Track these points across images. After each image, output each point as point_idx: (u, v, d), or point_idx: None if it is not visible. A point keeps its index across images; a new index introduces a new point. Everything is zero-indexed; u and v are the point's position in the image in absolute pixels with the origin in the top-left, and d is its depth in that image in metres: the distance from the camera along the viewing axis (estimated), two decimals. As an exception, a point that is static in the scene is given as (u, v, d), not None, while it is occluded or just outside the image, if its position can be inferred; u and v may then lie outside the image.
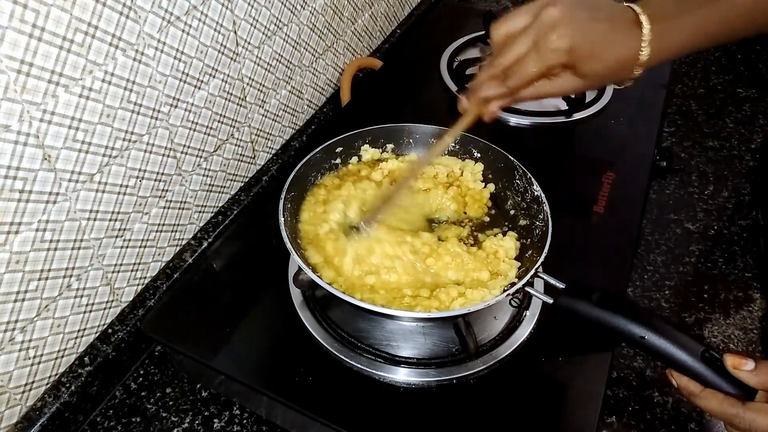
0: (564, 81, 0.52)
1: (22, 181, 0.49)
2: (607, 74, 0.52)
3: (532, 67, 0.50)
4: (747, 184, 0.95)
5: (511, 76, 0.52)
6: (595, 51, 0.49)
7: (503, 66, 0.52)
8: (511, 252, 0.63)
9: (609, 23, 0.50)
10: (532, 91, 0.53)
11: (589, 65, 0.50)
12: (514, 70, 0.51)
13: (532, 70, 0.50)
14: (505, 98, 0.54)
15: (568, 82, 0.52)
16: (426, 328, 0.61)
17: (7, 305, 0.51)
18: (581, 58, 0.49)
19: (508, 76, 0.52)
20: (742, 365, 0.46)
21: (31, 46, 0.45)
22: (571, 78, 0.52)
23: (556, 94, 0.54)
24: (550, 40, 0.49)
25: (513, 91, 0.53)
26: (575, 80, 0.52)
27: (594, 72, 0.51)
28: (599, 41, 0.49)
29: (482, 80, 0.54)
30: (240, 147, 0.78)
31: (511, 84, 0.52)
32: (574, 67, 0.50)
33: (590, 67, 0.50)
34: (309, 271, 0.54)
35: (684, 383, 0.49)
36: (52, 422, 0.58)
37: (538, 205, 0.63)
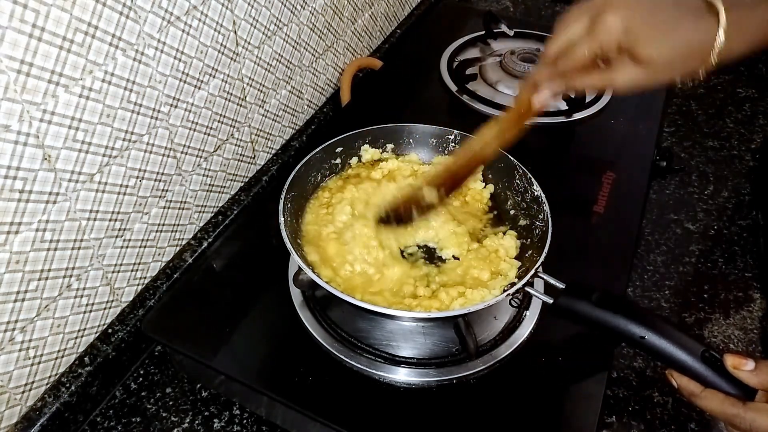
0: (622, 70, 0.47)
1: (22, 181, 0.49)
2: (672, 61, 0.46)
3: (584, 48, 0.47)
4: (747, 184, 0.95)
5: (563, 58, 0.49)
6: (657, 32, 0.45)
7: (556, 49, 0.49)
8: (512, 251, 0.63)
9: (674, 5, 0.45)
10: (586, 79, 0.49)
11: (651, 48, 0.45)
12: (567, 52, 0.48)
13: (584, 50, 0.47)
14: (557, 83, 0.51)
15: (626, 71, 0.47)
16: (426, 328, 0.61)
17: (7, 305, 0.51)
18: (640, 39, 0.45)
19: (560, 59, 0.49)
20: (742, 365, 0.46)
21: (31, 46, 0.45)
22: (629, 67, 0.47)
23: (612, 85, 0.49)
24: (604, 16, 0.45)
25: (564, 74, 0.49)
26: (635, 70, 0.47)
27: (657, 56, 0.45)
28: (663, 20, 0.45)
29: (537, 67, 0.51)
30: (240, 147, 0.78)
31: (562, 66, 0.49)
32: (633, 50, 0.46)
33: (652, 50, 0.45)
34: (309, 271, 0.54)
35: (684, 383, 0.49)
36: (52, 422, 0.58)
37: (538, 205, 0.63)
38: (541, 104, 0.53)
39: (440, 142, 0.74)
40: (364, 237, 0.62)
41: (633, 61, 0.46)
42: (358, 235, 0.62)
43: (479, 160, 0.60)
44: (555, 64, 0.49)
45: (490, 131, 0.57)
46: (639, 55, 0.46)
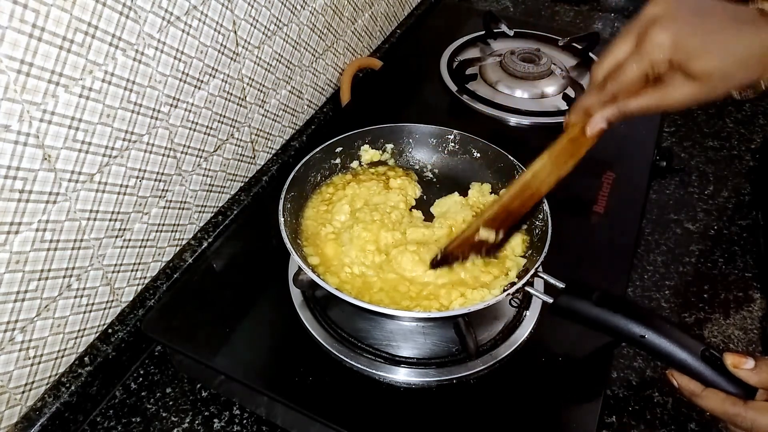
0: (675, 87, 0.45)
1: (22, 181, 0.49)
2: (727, 73, 0.43)
3: (634, 67, 0.45)
4: (747, 184, 0.95)
5: (611, 80, 0.46)
6: (709, 44, 0.42)
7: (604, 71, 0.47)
8: (518, 249, 0.63)
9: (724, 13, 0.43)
10: (639, 102, 0.47)
11: (703, 61, 0.43)
12: (615, 74, 0.46)
13: (633, 70, 0.45)
14: (609, 110, 0.48)
15: (679, 88, 0.45)
16: (426, 328, 0.61)
17: (7, 305, 0.51)
18: (692, 53, 0.43)
19: (609, 81, 0.47)
20: (742, 364, 0.46)
21: (31, 46, 0.45)
22: (682, 83, 0.44)
23: (667, 106, 0.46)
24: (651, 33, 0.43)
25: (615, 98, 0.47)
26: (688, 85, 0.44)
27: (711, 70, 0.43)
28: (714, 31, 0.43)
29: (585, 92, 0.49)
30: (240, 147, 0.78)
31: (612, 89, 0.47)
32: (684, 65, 0.43)
33: (705, 64, 0.43)
34: (309, 272, 0.54)
35: (685, 383, 0.49)
36: (52, 422, 0.58)
37: (537, 204, 0.63)
38: (594, 134, 0.50)
39: (440, 142, 0.74)
40: (362, 240, 0.62)
41: (686, 77, 0.44)
42: (356, 237, 0.62)
43: (532, 193, 0.56)
44: (604, 87, 0.47)
45: (545, 165, 0.54)
46: (692, 70, 0.43)
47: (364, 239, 0.62)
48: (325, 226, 0.65)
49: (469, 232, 0.58)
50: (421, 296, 0.59)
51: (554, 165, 0.54)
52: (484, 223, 0.58)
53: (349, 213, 0.66)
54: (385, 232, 0.63)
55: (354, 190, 0.69)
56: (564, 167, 0.54)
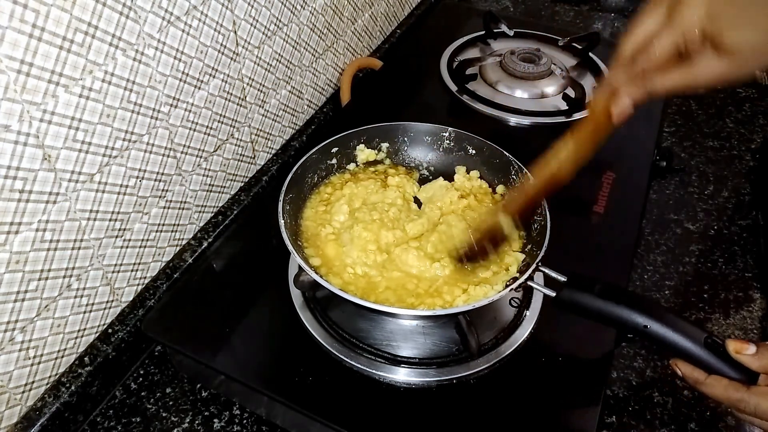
0: (706, 63, 0.43)
1: (22, 181, 0.49)
2: (759, 48, 0.41)
3: (665, 40, 0.43)
4: (747, 184, 0.95)
5: (641, 56, 0.44)
6: (744, 15, 0.41)
7: (632, 46, 0.45)
8: (515, 244, 0.63)
9: None
10: (668, 80, 0.44)
11: (738, 33, 0.41)
12: (644, 48, 0.44)
13: (665, 43, 0.43)
14: (636, 88, 0.46)
15: (710, 64, 0.42)
16: (426, 328, 0.61)
17: (7, 305, 0.51)
18: (726, 25, 0.41)
19: (638, 56, 0.44)
20: (744, 349, 0.47)
21: (31, 46, 0.45)
22: (714, 59, 0.42)
23: (697, 83, 0.44)
24: (683, 4, 0.42)
25: (643, 76, 0.45)
26: (719, 62, 0.42)
27: (744, 43, 0.41)
28: (750, 3, 0.41)
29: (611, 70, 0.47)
30: (240, 147, 0.78)
31: (641, 65, 0.44)
32: (718, 38, 0.41)
33: (739, 36, 0.41)
34: (311, 272, 0.54)
35: (688, 371, 0.49)
36: (52, 422, 0.58)
37: None
38: (621, 113, 0.47)
39: (435, 140, 0.74)
40: (363, 240, 0.62)
41: (716, 52, 0.42)
42: (357, 237, 0.62)
43: (556, 182, 0.55)
44: (633, 64, 0.45)
45: (565, 148, 0.52)
46: (724, 43, 0.41)
47: (365, 239, 0.62)
48: (324, 226, 0.65)
49: (488, 222, 0.59)
50: (427, 293, 0.59)
51: (576, 149, 0.52)
52: (505, 210, 0.58)
53: (348, 213, 0.66)
54: (385, 231, 0.63)
55: (351, 190, 0.69)
56: (585, 151, 0.52)
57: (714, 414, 0.65)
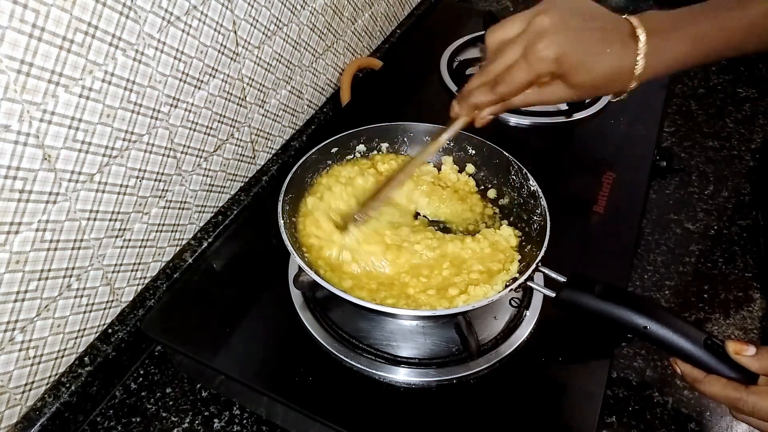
0: (554, 90, 0.52)
1: (22, 181, 0.49)
2: (598, 85, 0.51)
3: (521, 76, 0.50)
4: (747, 184, 0.95)
5: (501, 84, 0.51)
6: (585, 61, 0.49)
7: (494, 73, 0.52)
8: (512, 240, 0.63)
9: (602, 33, 0.49)
10: (522, 98, 0.53)
11: (579, 75, 0.49)
12: (504, 78, 0.51)
13: (521, 78, 0.50)
14: (496, 105, 0.54)
15: (558, 91, 0.52)
16: (426, 328, 0.61)
17: (7, 305, 0.51)
18: (570, 68, 0.49)
19: (498, 83, 0.52)
20: (744, 351, 0.47)
21: (31, 46, 0.45)
22: (561, 87, 0.51)
23: (546, 102, 0.54)
24: (538, 48, 0.48)
25: (503, 98, 0.53)
26: (566, 90, 0.51)
27: (584, 82, 0.50)
28: (590, 51, 0.49)
29: (473, 86, 0.54)
30: (240, 147, 0.78)
31: (501, 91, 0.52)
32: (564, 76, 0.50)
33: (580, 78, 0.50)
34: (311, 272, 0.54)
35: (687, 370, 0.50)
36: (52, 422, 0.58)
37: (535, 200, 0.63)
38: (482, 125, 0.56)
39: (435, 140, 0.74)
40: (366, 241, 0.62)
41: (564, 83, 0.51)
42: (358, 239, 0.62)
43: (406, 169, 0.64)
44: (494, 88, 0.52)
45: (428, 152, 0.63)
46: (569, 81, 0.50)
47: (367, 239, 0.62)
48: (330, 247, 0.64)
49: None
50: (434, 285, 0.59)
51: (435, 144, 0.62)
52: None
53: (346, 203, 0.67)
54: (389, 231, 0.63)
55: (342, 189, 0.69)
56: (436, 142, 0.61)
57: (714, 414, 0.65)
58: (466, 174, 0.73)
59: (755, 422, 0.47)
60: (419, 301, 0.58)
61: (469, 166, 0.73)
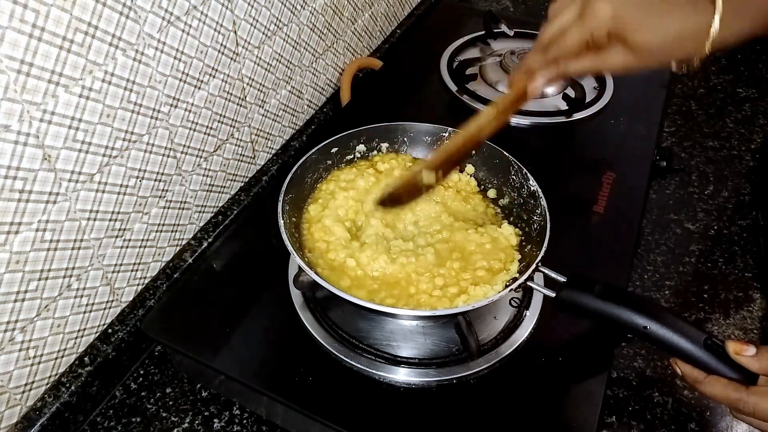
0: (613, 55, 0.47)
1: (22, 181, 0.49)
2: (664, 48, 0.45)
3: (574, 35, 0.47)
4: (747, 184, 0.95)
5: (554, 45, 0.49)
6: (648, 18, 0.44)
7: (548, 36, 0.49)
8: (512, 238, 0.63)
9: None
10: (578, 64, 0.49)
11: (641, 35, 0.45)
12: (557, 39, 0.48)
13: (574, 37, 0.47)
14: (550, 70, 0.51)
15: (617, 56, 0.47)
16: (426, 328, 0.61)
17: (7, 305, 0.51)
18: (630, 27, 0.45)
19: (551, 44, 0.49)
20: (744, 351, 0.47)
21: (31, 46, 0.45)
22: (621, 52, 0.47)
23: (604, 69, 0.49)
24: (594, 5, 0.45)
25: (557, 61, 0.49)
26: (626, 55, 0.46)
27: (647, 43, 0.45)
28: (655, 7, 0.44)
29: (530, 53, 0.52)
30: (240, 147, 0.78)
31: (554, 53, 0.49)
32: (623, 37, 0.45)
33: (642, 38, 0.45)
34: (311, 272, 0.54)
35: (688, 371, 0.50)
36: (52, 422, 0.58)
37: (535, 200, 0.63)
38: (536, 91, 0.53)
39: (435, 140, 0.74)
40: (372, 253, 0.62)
41: (624, 47, 0.46)
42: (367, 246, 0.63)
43: (475, 142, 0.60)
44: (547, 51, 0.49)
45: (486, 116, 0.57)
46: (629, 42, 0.45)
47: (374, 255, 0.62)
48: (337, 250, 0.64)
49: (412, 174, 0.61)
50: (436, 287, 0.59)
51: (496, 117, 0.57)
52: (427, 166, 0.60)
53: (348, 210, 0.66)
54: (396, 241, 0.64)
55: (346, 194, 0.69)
56: (503, 118, 0.56)
57: (714, 414, 0.65)
58: (467, 174, 0.73)
59: (756, 423, 0.47)
60: (420, 301, 0.58)
61: (469, 166, 0.73)
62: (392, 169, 0.72)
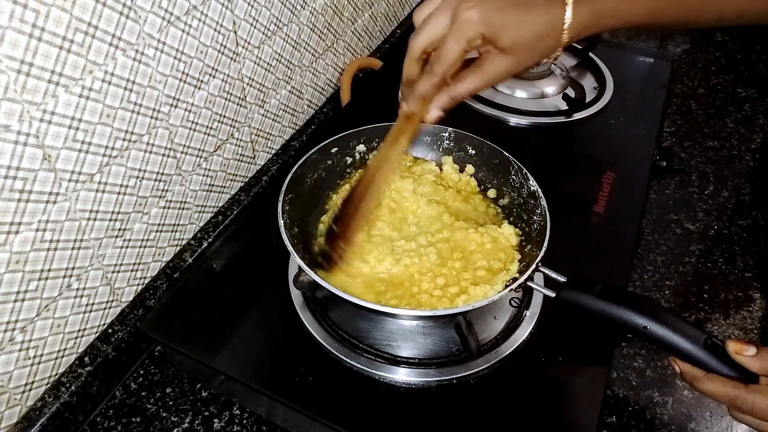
0: (493, 62, 0.49)
1: (22, 181, 0.49)
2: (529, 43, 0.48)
3: (453, 46, 0.48)
4: (747, 184, 0.95)
5: (436, 61, 0.49)
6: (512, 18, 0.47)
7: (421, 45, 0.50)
8: (512, 238, 0.63)
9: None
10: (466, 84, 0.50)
11: (508, 35, 0.47)
12: (438, 54, 0.49)
13: (454, 48, 0.48)
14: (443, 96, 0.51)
15: (496, 63, 0.49)
16: (426, 328, 0.61)
17: (7, 305, 0.51)
18: (498, 29, 0.47)
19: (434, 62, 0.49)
20: (744, 351, 0.47)
21: (31, 46, 0.45)
22: (497, 57, 0.49)
23: (490, 81, 0.51)
24: (462, 12, 0.47)
25: (443, 78, 0.50)
26: (504, 59, 0.49)
27: (515, 42, 0.48)
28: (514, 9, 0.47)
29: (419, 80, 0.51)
30: (240, 147, 0.78)
31: (439, 70, 0.49)
32: (494, 40, 0.48)
33: (510, 37, 0.47)
34: (311, 272, 0.54)
35: (687, 369, 0.50)
36: (52, 422, 0.58)
37: (535, 200, 0.63)
38: (433, 122, 0.54)
39: (435, 140, 0.75)
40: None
41: (498, 51, 0.48)
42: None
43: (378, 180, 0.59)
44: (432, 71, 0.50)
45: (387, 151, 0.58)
46: (501, 44, 0.48)
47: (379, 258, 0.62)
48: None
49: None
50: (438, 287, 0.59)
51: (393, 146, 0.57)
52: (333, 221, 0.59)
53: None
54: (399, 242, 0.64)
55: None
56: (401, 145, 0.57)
57: (714, 414, 0.65)
58: (467, 174, 0.73)
59: (754, 421, 0.47)
60: (420, 301, 0.58)
61: (468, 166, 0.73)
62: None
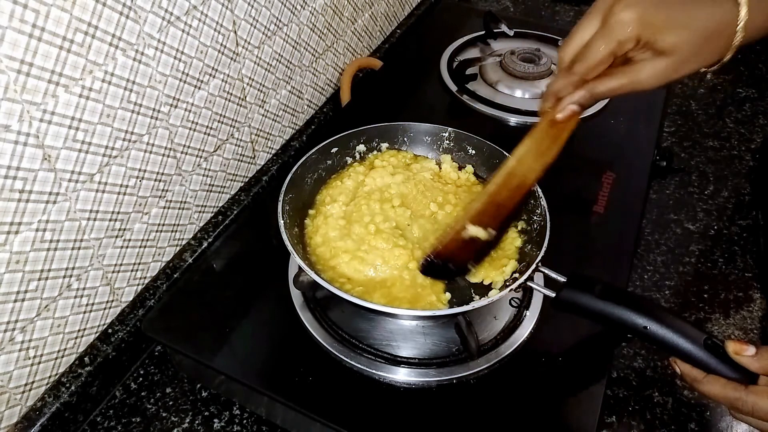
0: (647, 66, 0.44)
1: (22, 181, 0.49)
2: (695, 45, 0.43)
3: (599, 46, 0.44)
4: (747, 184, 0.95)
5: (579, 61, 0.45)
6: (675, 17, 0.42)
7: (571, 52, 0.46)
8: (516, 241, 0.63)
9: None
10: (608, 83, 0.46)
11: (670, 35, 0.42)
12: (583, 53, 0.45)
13: (600, 49, 0.44)
14: (579, 91, 0.47)
15: (651, 66, 0.44)
16: (426, 328, 0.61)
17: (7, 305, 0.51)
18: (658, 28, 0.42)
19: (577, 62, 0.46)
20: (744, 351, 0.47)
21: (31, 46, 0.45)
22: (654, 61, 0.44)
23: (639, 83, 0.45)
24: (616, 12, 0.43)
25: (584, 78, 0.46)
26: (660, 63, 0.44)
27: (677, 43, 0.42)
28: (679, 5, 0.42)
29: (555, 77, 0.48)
30: (240, 147, 0.78)
31: (579, 70, 0.45)
32: (652, 42, 0.43)
33: (672, 38, 0.42)
34: (310, 272, 0.54)
35: (687, 370, 0.50)
36: (52, 422, 0.58)
37: (535, 200, 0.63)
38: (565, 118, 0.49)
39: (434, 140, 0.75)
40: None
41: (655, 54, 0.44)
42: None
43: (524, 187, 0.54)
44: (572, 70, 0.46)
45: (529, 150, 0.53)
46: (660, 45, 0.43)
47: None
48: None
49: (456, 228, 0.54)
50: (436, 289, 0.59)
51: (538, 151, 0.53)
52: (471, 219, 0.54)
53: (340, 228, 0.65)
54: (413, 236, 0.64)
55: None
56: (548, 153, 0.52)
57: (714, 414, 0.65)
58: (467, 173, 0.73)
59: (754, 422, 0.47)
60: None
61: (468, 166, 0.73)
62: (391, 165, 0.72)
